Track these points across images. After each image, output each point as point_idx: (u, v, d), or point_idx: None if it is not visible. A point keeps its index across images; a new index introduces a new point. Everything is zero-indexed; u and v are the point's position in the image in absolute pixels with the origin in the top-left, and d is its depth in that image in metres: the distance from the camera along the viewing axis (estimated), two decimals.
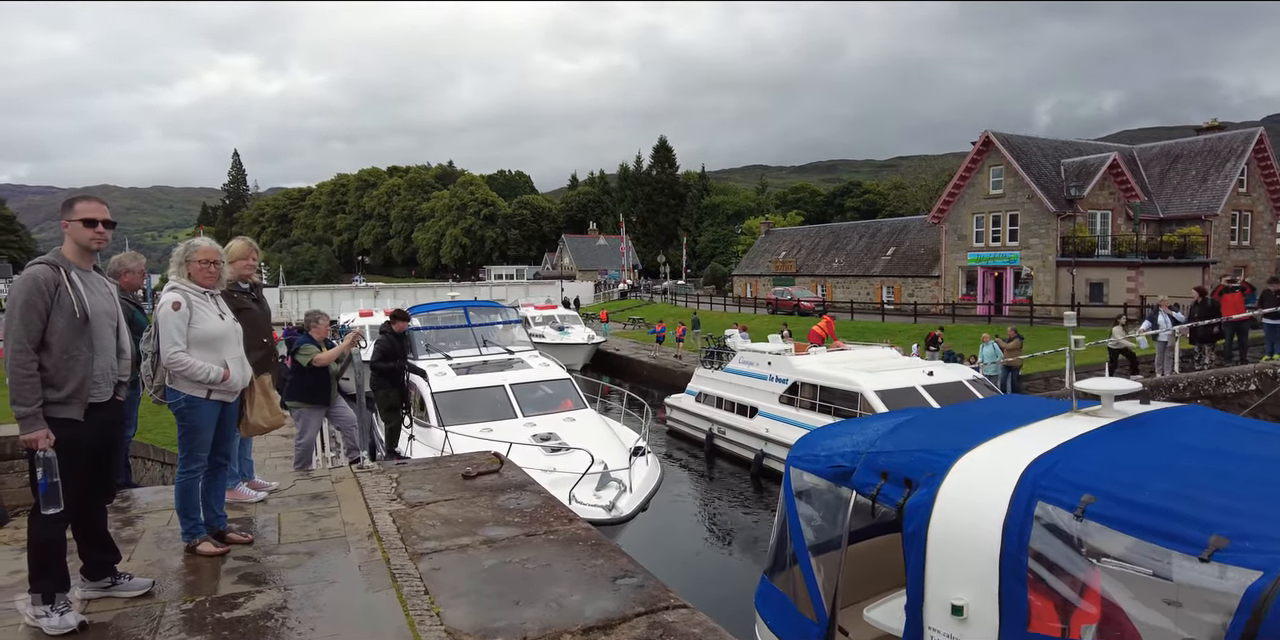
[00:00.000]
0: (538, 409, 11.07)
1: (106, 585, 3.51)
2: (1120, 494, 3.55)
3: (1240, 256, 34.15)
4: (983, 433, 4.50)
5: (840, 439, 5.22)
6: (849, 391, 13.53)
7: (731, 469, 16.46)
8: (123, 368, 3.54)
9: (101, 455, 3.44)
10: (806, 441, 5.50)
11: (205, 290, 4.15)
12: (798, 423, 14.26)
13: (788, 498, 5.26)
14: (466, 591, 3.52)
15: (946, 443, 4.48)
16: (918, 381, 13.18)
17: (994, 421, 4.78)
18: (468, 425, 10.04)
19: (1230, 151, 33.68)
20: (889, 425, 5.13)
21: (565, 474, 8.57)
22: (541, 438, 9.85)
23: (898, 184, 78.51)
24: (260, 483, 5.38)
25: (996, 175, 34.61)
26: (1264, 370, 12.74)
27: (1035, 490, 3.80)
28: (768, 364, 16.19)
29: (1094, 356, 19.02)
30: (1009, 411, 5.14)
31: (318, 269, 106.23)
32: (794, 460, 5.28)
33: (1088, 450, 4.09)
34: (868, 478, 4.57)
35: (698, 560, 11.93)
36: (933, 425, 5.05)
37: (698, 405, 18.50)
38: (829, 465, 4.91)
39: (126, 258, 5.72)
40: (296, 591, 3.60)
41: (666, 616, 3.20)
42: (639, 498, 8.76)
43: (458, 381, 11.29)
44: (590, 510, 7.95)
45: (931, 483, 4.19)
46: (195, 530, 4.10)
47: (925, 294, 39.68)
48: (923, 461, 4.38)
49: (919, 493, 4.20)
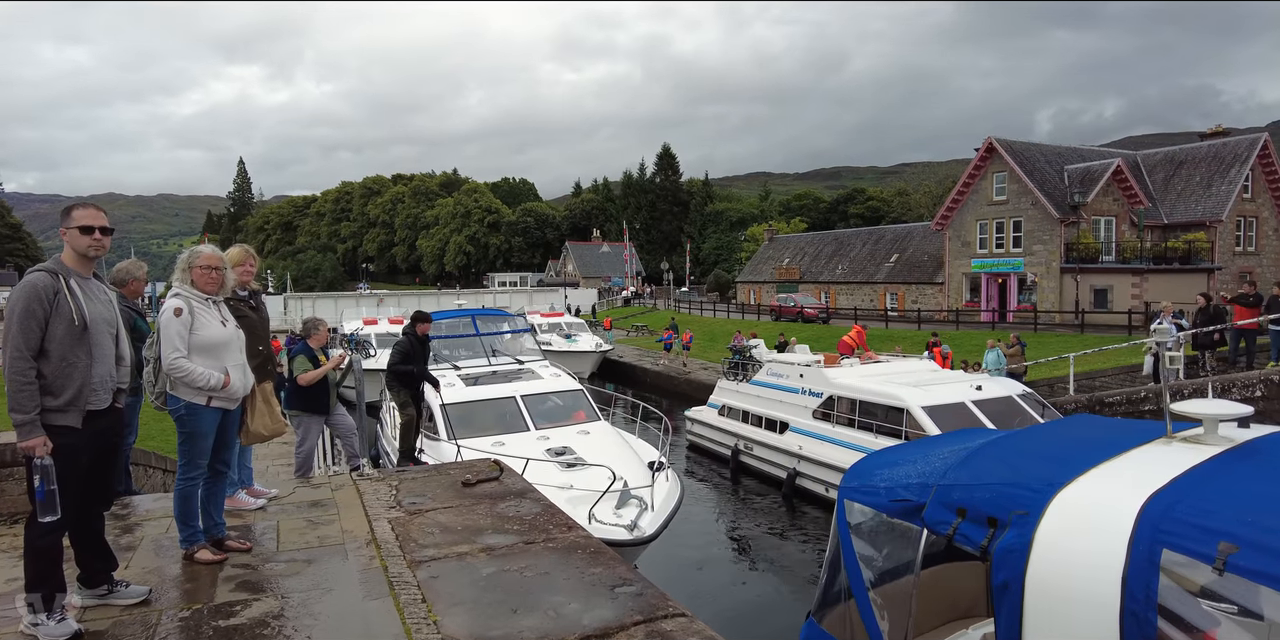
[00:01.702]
0: (549, 421, 10.78)
1: (103, 593, 3.50)
2: (1268, 542, 3.01)
3: (1245, 262, 34.04)
4: (1073, 463, 3.96)
5: (901, 467, 4.67)
6: (893, 407, 12.68)
7: (759, 488, 15.55)
8: (122, 375, 3.54)
9: (100, 463, 3.44)
10: (862, 470, 4.95)
11: (208, 297, 4.16)
12: (835, 440, 13.66)
13: (842, 534, 4.70)
14: (464, 600, 3.51)
15: (1034, 475, 3.93)
16: (967, 396, 12.41)
17: (1081, 449, 4.23)
18: (478, 438, 9.74)
19: (1235, 157, 33.62)
20: (958, 452, 4.57)
21: (583, 491, 8.19)
22: (556, 452, 9.52)
23: (901, 191, 78.58)
24: (260, 490, 5.38)
25: (1000, 182, 34.59)
26: (1270, 376, 12.69)
27: (1158, 536, 3.27)
28: (800, 376, 15.35)
29: (1113, 360, 18.97)
30: (1093, 437, 4.58)
31: (322, 276, 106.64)
32: (849, 492, 4.73)
33: (1209, 486, 3.53)
34: (941, 515, 4.05)
35: (726, 588, 11.09)
36: (1011, 453, 4.46)
37: (721, 419, 17.64)
38: (892, 499, 4.39)
39: (130, 266, 5.75)
40: (294, 599, 3.59)
41: (665, 625, 3.18)
42: (661, 516, 8.35)
43: (467, 393, 11.00)
44: (611, 530, 7.60)
45: (1023, 524, 3.65)
46: (194, 538, 4.09)
47: (929, 301, 39.62)
48: (1010, 498, 3.83)
49: (1009, 535, 3.66)
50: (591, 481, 8.41)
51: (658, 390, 27.91)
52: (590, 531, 6.81)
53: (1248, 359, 15.03)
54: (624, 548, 7.38)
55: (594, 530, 7.09)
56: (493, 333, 13.87)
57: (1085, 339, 23.00)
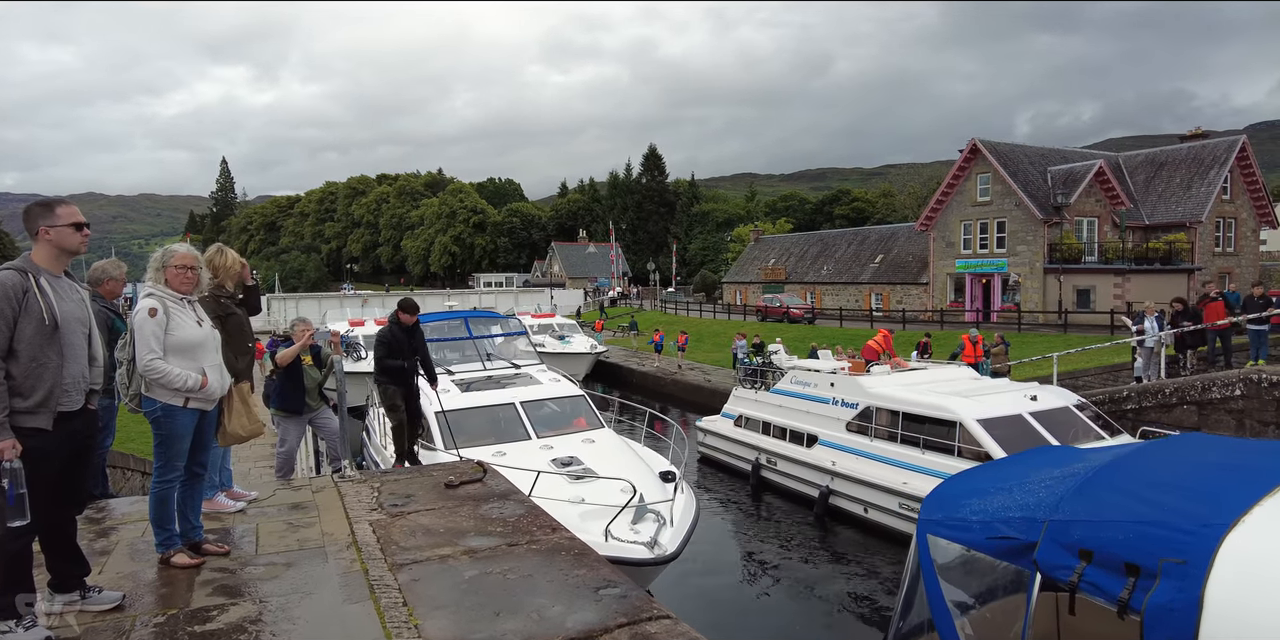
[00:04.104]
0: (551, 429, 10.22)
1: (75, 599, 3.42)
2: None
3: (1225, 263, 34.46)
4: (1226, 498, 3.33)
5: (994, 497, 4.03)
6: (944, 420, 11.66)
7: (785, 506, 14.41)
8: (94, 376, 3.46)
9: (72, 465, 3.36)
10: (944, 499, 4.39)
11: (183, 297, 4.09)
12: (874, 455, 12.70)
13: (927, 576, 4.08)
14: (446, 603, 3.46)
15: (1180, 512, 3.31)
16: (1023, 408, 11.54)
17: (1225, 479, 3.62)
18: (476, 448, 9.06)
19: (1214, 159, 34.02)
20: (1064, 479, 3.92)
21: (596, 506, 7.56)
22: (562, 462, 8.93)
23: (886, 192, 79.02)
24: (239, 492, 5.30)
25: (984, 183, 34.83)
26: (1249, 376, 12.81)
27: None
28: (830, 385, 14.22)
29: (1096, 360, 19.13)
30: (1230, 462, 3.95)
31: (306, 277, 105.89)
32: (932, 526, 4.16)
33: None
34: (1059, 557, 3.44)
35: (754, 617, 10.12)
36: (1135, 483, 3.77)
37: (738, 430, 16.50)
38: (990, 535, 3.77)
39: (108, 265, 5.67)
40: (272, 604, 3.52)
41: (649, 627, 3.15)
42: (681, 532, 7.73)
43: (462, 399, 10.32)
44: (629, 548, 7.06)
45: (1183, 575, 3.01)
46: (170, 542, 4.02)
47: (913, 301, 39.83)
48: (1154, 540, 3.21)
49: (1164, 589, 3.03)
50: (604, 495, 7.82)
51: (644, 391, 27.88)
52: (608, 550, 6.53)
53: (1225, 358, 15.21)
54: (644, 567, 6.98)
55: (611, 548, 6.79)
56: (487, 335, 13.25)
57: (1068, 339, 23.18)
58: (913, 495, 11.25)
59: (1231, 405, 13.00)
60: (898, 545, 11.37)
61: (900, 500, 11.70)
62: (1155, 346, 15.27)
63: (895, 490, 11.81)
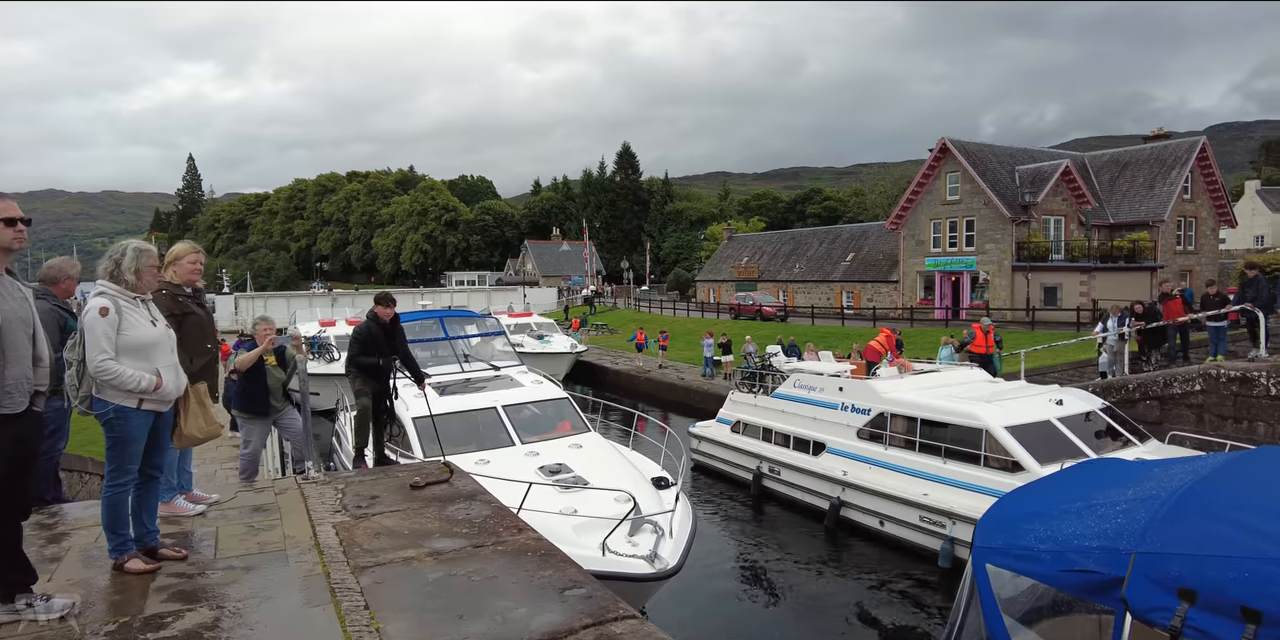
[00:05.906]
0: (534, 433, 9.79)
1: (20, 608, 3.31)
2: None
3: (1186, 261, 35.21)
4: None
5: (1062, 522, 3.54)
6: (968, 427, 10.99)
7: (791, 517, 13.62)
8: (39, 377, 3.34)
9: (15, 471, 3.25)
10: (1003, 523, 3.88)
11: (135, 296, 3.97)
12: (890, 465, 12.03)
13: (988, 610, 3.59)
14: (409, 606, 3.40)
15: None
16: (1051, 413, 10.91)
17: None
18: (457, 455, 8.45)
19: (1175, 160, 34.75)
20: (1146, 502, 3.43)
21: (589, 518, 7.12)
22: (550, 470, 8.48)
23: (857, 191, 79.80)
24: (199, 495, 5.18)
25: (953, 182, 35.26)
26: (1208, 371, 13.09)
27: None
28: (839, 389, 13.48)
29: (1063, 357, 19.44)
30: None
31: (275, 276, 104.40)
32: (992, 555, 3.67)
33: None
34: (1154, 596, 2.99)
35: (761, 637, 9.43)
36: (1237, 509, 3.24)
37: (735, 437, 15.72)
38: (1062, 567, 3.30)
39: (63, 263, 5.51)
40: (230, 609, 3.44)
41: (614, 627, 3.12)
42: (680, 545, 7.27)
43: (441, 404, 9.67)
44: (629, 563, 6.67)
45: None
46: (124, 547, 3.90)
47: (884, 298, 40.24)
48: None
49: None
50: (598, 506, 7.39)
51: (619, 390, 27.85)
52: (606, 565, 6.31)
53: (1184, 353, 15.60)
54: (644, 583, 6.65)
55: (609, 563, 6.52)
56: (463, 336, 12.64)
57: (1036, 336, 23.55)
58: (935, 507, 10.83)
59: (1192, 400, 13.28)
60: (917, 560, 11.12)
61: (921, 513, 11.10)
62: (1116, 345, 15.61)
63: (915, 502, 11.17)
